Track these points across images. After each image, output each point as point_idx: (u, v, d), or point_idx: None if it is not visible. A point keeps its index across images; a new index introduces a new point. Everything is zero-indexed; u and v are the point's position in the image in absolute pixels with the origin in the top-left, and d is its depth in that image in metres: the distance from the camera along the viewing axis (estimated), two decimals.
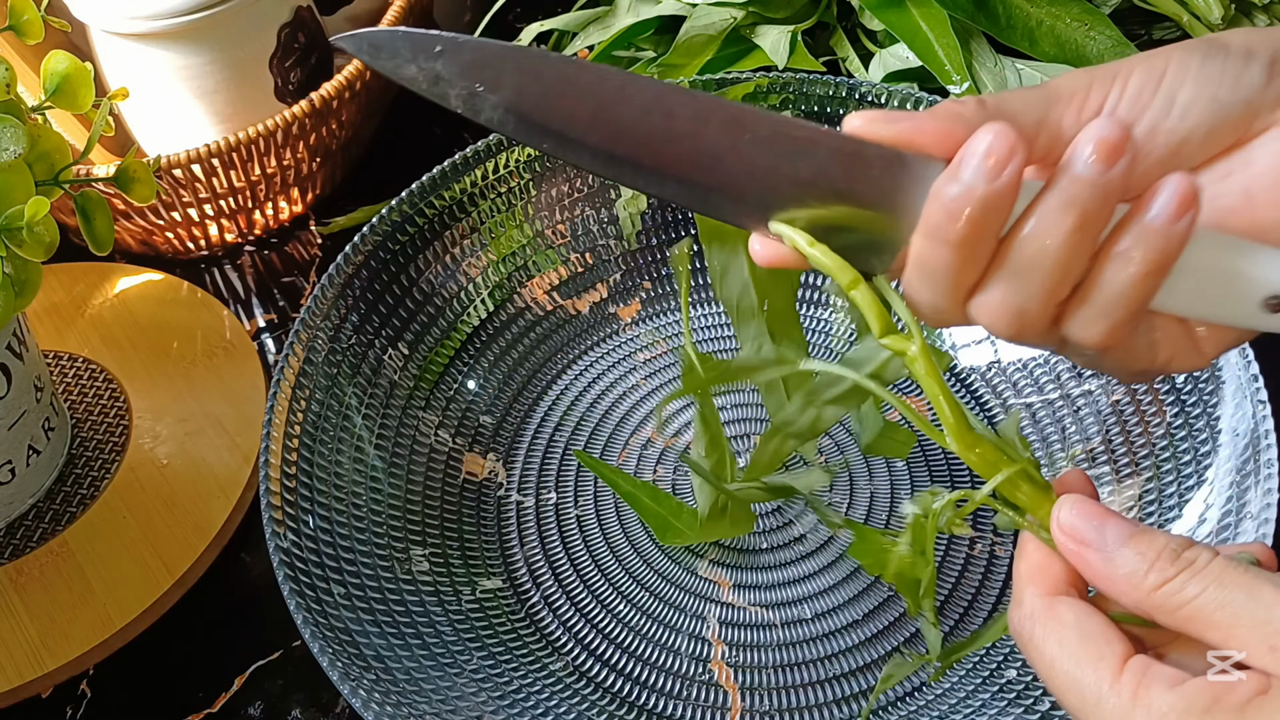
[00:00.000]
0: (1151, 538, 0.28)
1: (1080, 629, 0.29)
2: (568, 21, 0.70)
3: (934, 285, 0.30)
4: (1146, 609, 0.28)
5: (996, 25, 0.60)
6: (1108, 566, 0.28)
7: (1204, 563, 0.27)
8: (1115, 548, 0.28)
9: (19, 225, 0.44)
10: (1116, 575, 0.28)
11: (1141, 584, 0.28)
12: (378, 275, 0.55)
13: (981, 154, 0.27)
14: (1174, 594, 0.27)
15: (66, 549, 0.54)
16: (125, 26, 0.61)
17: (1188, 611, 0.27)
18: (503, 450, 0.56)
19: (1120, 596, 0.28)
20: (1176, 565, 0.27)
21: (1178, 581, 0.27)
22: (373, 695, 0.42)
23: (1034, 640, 0.29)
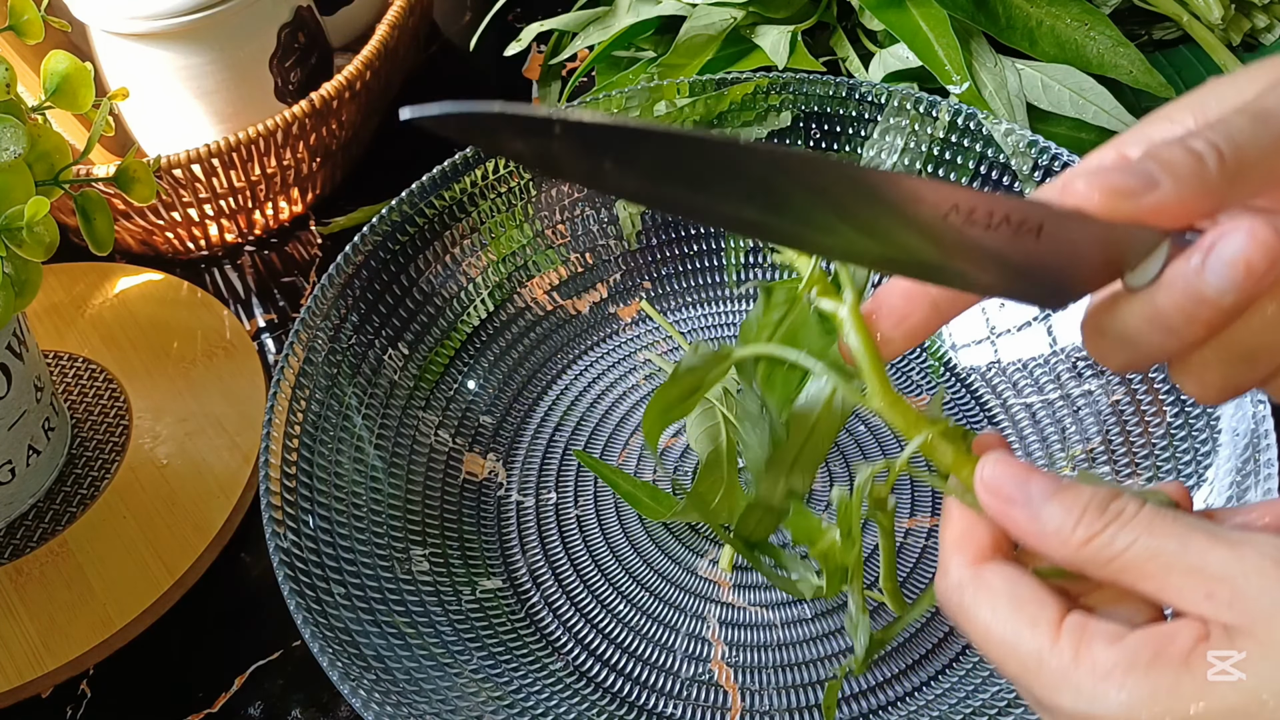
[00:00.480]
0: (1077, 491, 0.27)
1: (1011, 594, 0.28)
2: (568, 21, 0.70)
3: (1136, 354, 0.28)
4: (1077, 563, 0.27)
5: (996, 25, 0.60)
6: (1034, 523, 0.28)
7: (1132, 513, 0.27)
8: (1041, 503, 0.28)
9: (19, 225, 0.44)
10: (1044, 531, 0.27)
11: (1070, 539, 0.27)
12: (378, 275, 0.55)
13: (1232, 262, 0.26)
14: (1104, 547, 0.26)
15: (66, 549, 0.54)
16: (125, 26, 0.61)
17: (1120, 563, 0.26)
18: (503, 450, 0.56)
19: (1050, 552, 0.28)
20: (1104, 518, 0.27)
21: (1107, 534, 0.26)
22: (373, 695, 0.42)
23: (964, 609, 0.29)
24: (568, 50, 0.70)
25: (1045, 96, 0.60)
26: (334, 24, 0.72)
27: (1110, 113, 0.58)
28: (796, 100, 0.58)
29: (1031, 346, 0.55)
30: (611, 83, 0.65)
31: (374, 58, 0.65)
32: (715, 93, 0.57)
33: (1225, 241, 0.26)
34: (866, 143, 0.57)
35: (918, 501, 0.52)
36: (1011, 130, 0.54)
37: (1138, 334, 0.28)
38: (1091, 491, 0.27)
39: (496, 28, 0.73)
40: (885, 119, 0.57)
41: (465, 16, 0.84)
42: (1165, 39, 0.67)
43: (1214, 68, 0.65)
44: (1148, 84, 0.59)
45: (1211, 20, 0.64)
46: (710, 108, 0.58)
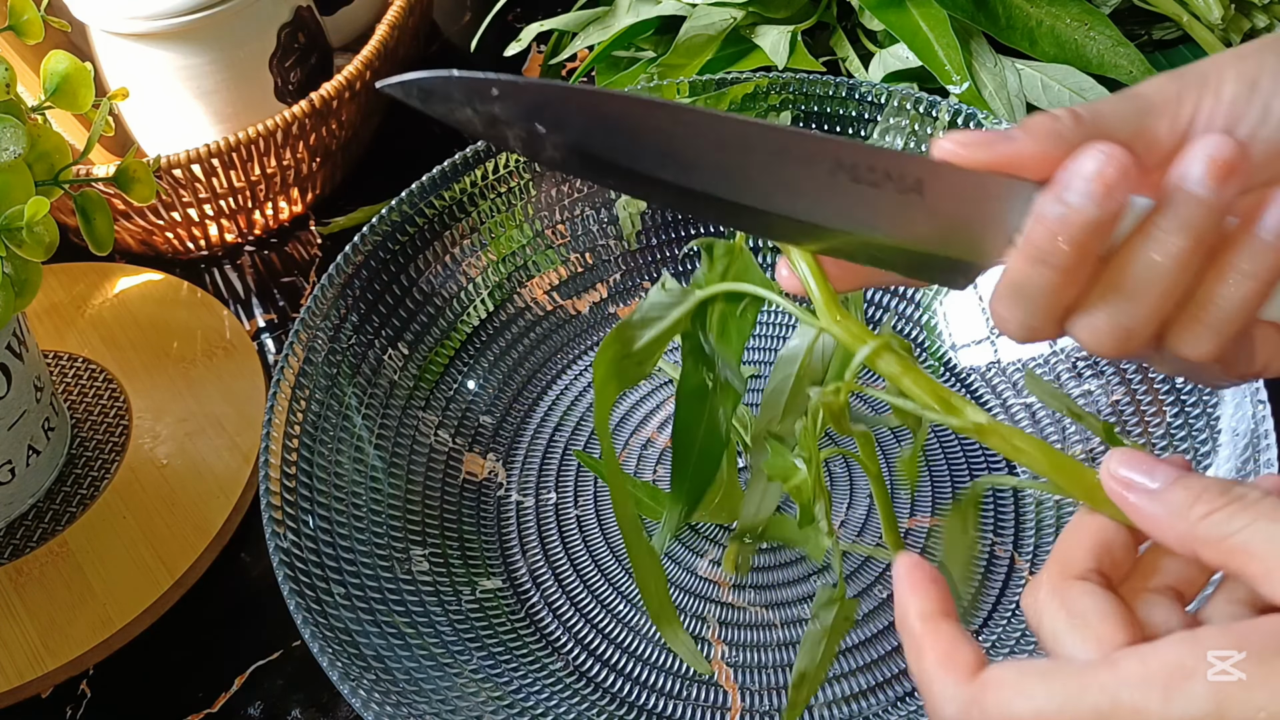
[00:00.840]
0: (1199, 477, 0.28)
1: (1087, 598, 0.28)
2: (568, 21, 0.70)
3: (1030, 305, 0.30)
4: (1190, 542, 0.27)
5: (996, 25, 0.60)
6: (1154, 503, 0.28)
7: (1254, 498, 0.27)
8: (1165, 485, 0.28)
9: (19, 225, 0.44)
10: (1164, 511, 0.28)
11: (1188, 514, 0.27)
12: (378, 275, 0.55)
13: (1089, 176, 0.27)
14: (1222, 524, 0.26)
15: (66, 549, 0.54)
16: (125, 26, 0.61)
17: (1233, 542, 0.26)
18: (503, 450, 0.56)
19: (1165, 531, 0.28)
20: (1226, 498, 0.27)
21: (1226, 512, 0.27)
22: (373, 695, 0.42)
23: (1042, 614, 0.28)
24: (568, 50, 0.70)
25: (1045, 96, 0.60)
26: (334, 24, 0.72)
27: None
28: (796, 100, 0.58)
29: (1031, 346, 0.55)
30: (612, 83, 0.65)
31: (374, 58, 0.65)
32: (715, 93, 0.57)
33: (1079, 161, 0.28)
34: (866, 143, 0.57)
35: (918, 502, 0.52)
36: None
37: (1024, 279, 0.29)
38: (1213, 479, 0.28)
39: (496, 28, 0.73)
40: (885, 119, 0.57)
41: (465, 16, 0.84)
42: (1165, 39, 0.67)
43: None
44: None
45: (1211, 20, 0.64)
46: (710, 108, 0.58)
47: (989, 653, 0.48)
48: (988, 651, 0.48)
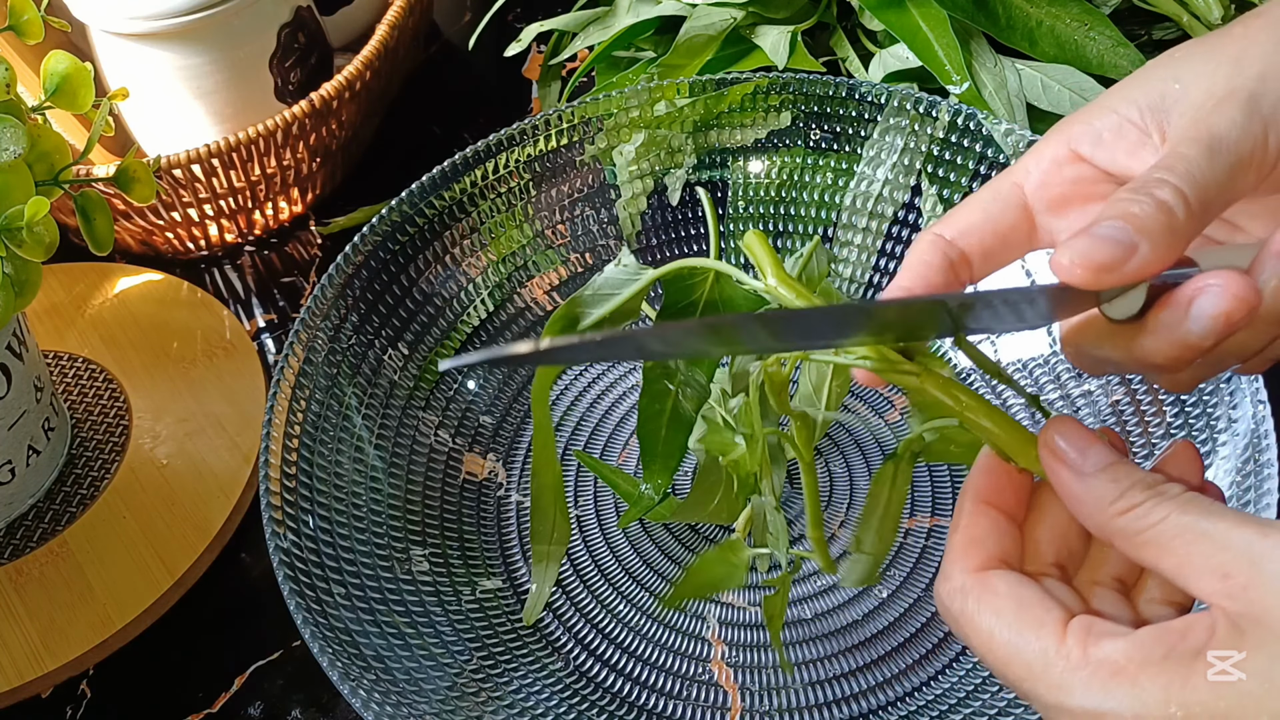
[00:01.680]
0: (1129, 468, 0.28)
1: (1016, 597, 0.28)
2: (568, 22, 0.70)
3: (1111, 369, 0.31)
4: (1109, 532, 0.28)
5: (996, 25, 0.60)
6: (1080, 485, 0.28)
7: (1174, 493, 0.27)
8: (1093, 470, 0.28)
9: (19, 225, 0.44)
10: (1087, 496, 0.28)
11: (1109, 507, 0.27)
12: (378, 275, 0.55)
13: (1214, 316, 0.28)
14: (1139, 518, 0.27)
15: (66, 549, 0.54)
16: (125, 26, 0.61)
17: (1149, 535, 0.27)
18: (503, 450, 0.56)
19: (1084, 517, 0.28)
20: (1147, 493, 0.27)
21: (1145, 506, 0.27)
22: (373, 695, 0.42)
23: (966, 614, 0.29)
24: (568, 50, 0.70)
25: (1045, 96, 0.60)
26: (334, 24, 0.72)
27: None
28: (796, 100, 0.58)
29: (1032, 347, 0.55)
30: (611, 83, 0.65)
31: (374, 58, 0.65)
32: (715, 93, 0.57)
33: (1205, 297, 0.28)
34: (867, 143, 0.57)
35: (918, 502, 0.52)
36: (1011, 130, 0.54)
37: (1121, 361, 0.30)
38: (1142, 473, 0.28)
39: (496, 28, 0.73)
40: (885, 119, 0.57)
41: (465, 16, 0.84)
42: (1165, 39, 0.67)
43: None
44: None
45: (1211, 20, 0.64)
46: (710, 108, 0.58)
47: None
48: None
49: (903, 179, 0.57)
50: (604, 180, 0.60)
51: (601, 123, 0.58)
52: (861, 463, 0.54)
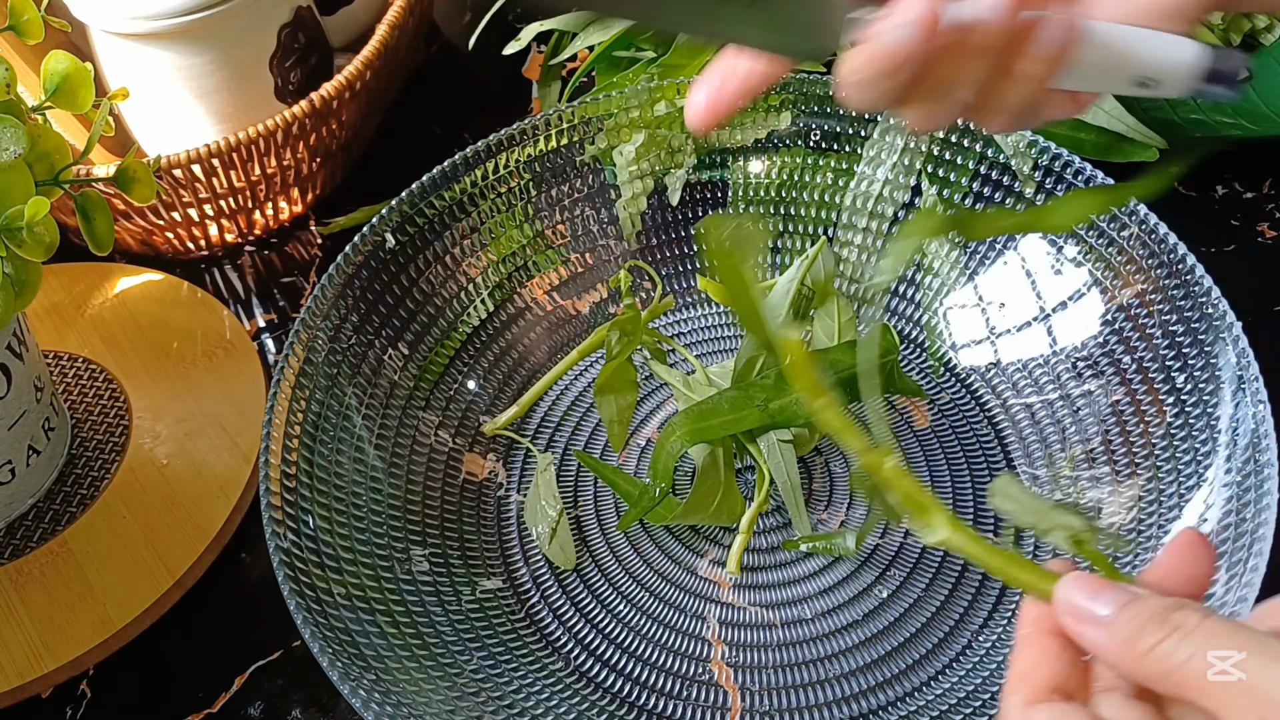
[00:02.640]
0: (1143, 602, 0.28)
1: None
2: (568, 22, 0.70)
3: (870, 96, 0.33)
4: (1142, 677, 0.27)
5: None
6: (1103, 634, 0.28)
7: (1193, 625, 0.26)
8: (1112, 615, 0.28)
9: (19, 225, 0.44)
10: (1112, 643, 0.28)
11: (1135, 648, 0.27)
12: (378, 275, 0.55)
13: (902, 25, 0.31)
14: (1165, 658, 0.26)
15: (66, 549, 0.54)
16: (125, 26, 0.61)
17: (1180, 676, 0.26)
18: (503, 450, 0.56)
19: (1118, 665, 0.28)
20: (1164, 628, 0.27)
21: (1168, 644, 0.26)
22: (373, 695, 0.42)
23: None
24: (568, 50, 0.70)
25: None
26: (334, 24, 0.72)
27: (1110, 112, 0.58)
28: (796, 100, 0.58)
29: (1031, 347, 0.55)
30: (612, 83, 0.65)
31: (374, 58, 0.65)
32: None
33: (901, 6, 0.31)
34: (866, 143, 0.57)
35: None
36: None
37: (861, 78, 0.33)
38: (1158, 601, 0.27)
39: (496, 28, 0.73)
40: (885, 119, 0.57)
41: (465, 16, 0.84)
42: None
43: None
44: None
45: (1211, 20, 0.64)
46: None
47: (985, 655, 0.48)
48: (987, 652, 0.48)
49: (903, 179, 0.57)
50: (604, 180, 0.60)
51: (601, 123, 0.58)
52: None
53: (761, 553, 0.51)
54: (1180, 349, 0.49)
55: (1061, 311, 0.54)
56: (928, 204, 0.57)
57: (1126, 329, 0.51)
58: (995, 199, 0.55)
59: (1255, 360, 0.46)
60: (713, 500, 0.50)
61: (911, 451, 0.54)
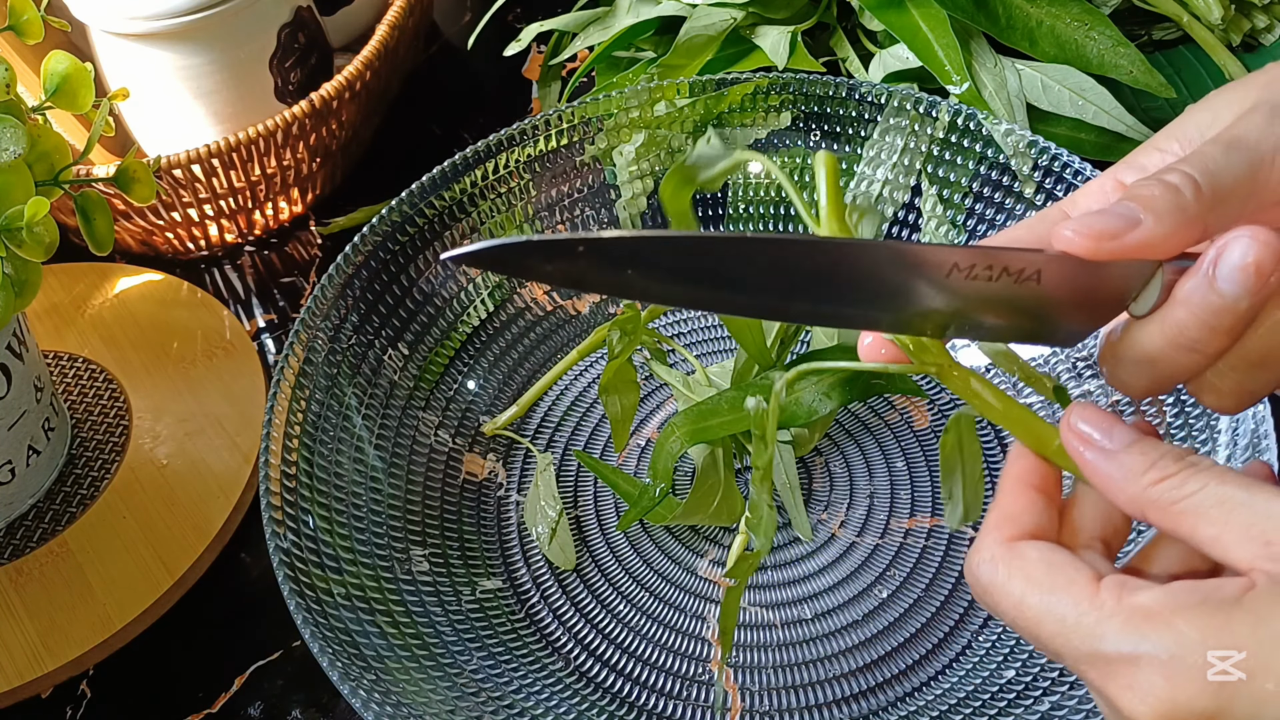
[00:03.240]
0: (1155, 443, 0.28)
1: (1047, 561, 0.28)
2: (568, 22, 0.70)
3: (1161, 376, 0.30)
4: (1141, 504, 0.27)
5: (996, 25, 0.60)
6: (1109, 463, 0.28)
7: (1207, 464, 0.27)
8: (1121, 446, 0.28)
9: (19, 225, 0.44)
10: (1117, 472, 0.28)
11: (1141, 479, 0.27)
12: (378, 275, 0.55)
13: (1242, 267, 0.27)
14: (1174, 488, 0.27)
15: (66, 549, 0.54)
16: (125, 26, 0.61)
17: (1184, 505, 0.27)
18: (503, 450, 0.56)
19: (1117, 492, 0.28)
20: (1180, 464, 0.27)
21: (1179, 477, 0.27)
22: (373, 695, 0.42)
23: (996, 583, 0.29)
24: (568, 51, 0.70)
25: (1045, 96, 0.60)
26: (334, 24, 0.72)
27: (1110, 113, 0.58)
28: (796, 100, 0.58)
29: (1032, 347, 0.55)
30: (611, 83, 0.65)
31: (374, 58, 0.65)
32: (715, 93, 0.57)
33: (1230, 249, 0.27)
34: (866, 143, 0.57)
35: (918, 502, 0.52)
36: (1011, 130, 0.54)
37: (1159, 355, 0.29)
38: (1170, 446, 0.28)
39: (496, 28, 0.73)
40: (885, 119, 0.57)
41: (465, 16, 0.84)
42: (1165, 39, 0.67)
43: (1214, 68, 0.65)
44: (1148, 84, 0.59)
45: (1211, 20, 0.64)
46: (710, 108, 0.58)
47: (985, 655, 0.48)
48: (988, 651, 0.48)
49: (903, 179, 0.57)
50: (604, 180, 0.60)
51: (601, 123, 0.58)
52: (861, 463, 0.54)
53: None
54: None
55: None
56: (928, 205, 0.57)
57: None
58: (995, 199, 0.55)
59: None
60: (713, 500, 0.50)
61: (911, 451, 0.54)
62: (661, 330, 0.60)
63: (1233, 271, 0.27)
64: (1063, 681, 0.45)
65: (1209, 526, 0.26)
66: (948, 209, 0.56)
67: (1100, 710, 0.28)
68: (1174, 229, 0.28)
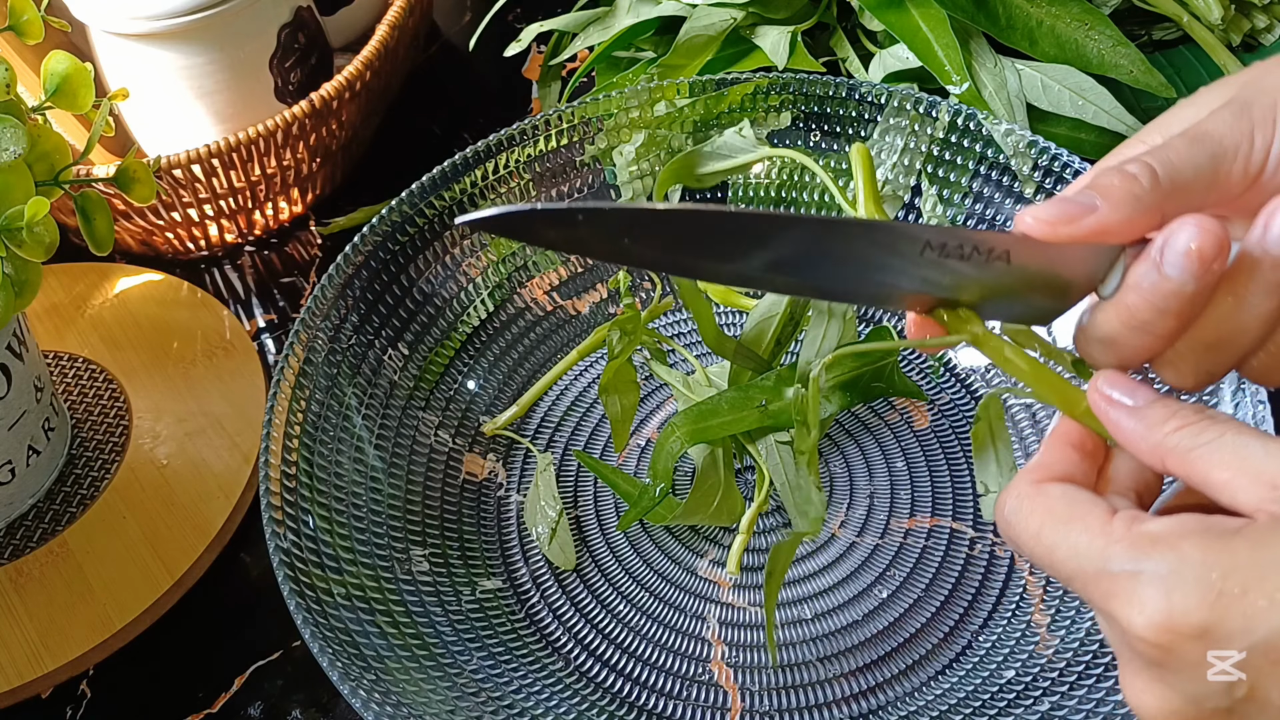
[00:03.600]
0: (1176, 400, 0.30)
1: (1068, 498, 0.30)
2: (568, 22, 0.70)
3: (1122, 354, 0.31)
4: (1162, 452, 0.29)
5: (996, 25, 0.60)
6: (1132, 417, 0.30)
7: (1223, 417, 0.29)
8: (1144, 404, 0.30)
9: (19, 225, 0.44)
10: (1139, 424, 0.29)
11: (1162, 427, 0.29)
12: (378, 275, 0.55)
13: (1184, 252, 0.29)
14: (1193, 435, 0.28)
15: (66, 549, 0.54)
16: (125, 26, 0.61)
17: (1201, 451, 0.28)
18: (503, 450, 0.56)
19: (1139, 442, 0.29)
20: (1199, 415, 0.29)
21: (1198, 425, 0.28)
22: (373, 695, 0.42)
23: (1019, 515, 0.30)
24: (568, 51, 0.70)
25: (1045, 96, 0.60)
26: (334, 24, 0.72)
27: (1110, 113, 0.58)
28: (796, 100, 0.58)
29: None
30: (611, 83, 0.65)
31: (374, 58, 0.65)
32: (715, 93, 0.57)
33: (1175, 236, 0.29)
34: (866, 143, 0.57)
35: (918, 502, 0.52)
36: (1011, 130, 0.54)
37: (1117, 335, 0.31)
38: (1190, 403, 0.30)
39: (496, 28, 0.73)
40: (885, 119, 0.57)
41: (465, 16, 0.84)
42: (1165, 39, 0.67)
43: (1214, 68, 0.65)
44: (1148, 84, 0.59)
45: (1211, 20, 0.64)
46: (710, 108, 0.58)
47: (985, 655, 0.48)
48: (988, 651, 0.48)
49: (903, 179, 0.57)
50: (604, 180, 0.60)
51: (601, 123, 0.58)
52: (861, 463, 0.54)
53: (761, 553, 0.51)
54: None
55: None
56: (928, 205, 0.57)
57: None
58: (995, 199, 0.55)
59: None
60: (713, 500, 0.50)
61: (911, 452, 0.54)
62: (661, 330, 0.60)
63: (1177, 257, 0.29)
64: (1063, 681, 0.45)
65: (1222, 471, 0.27)
66: (948, 209, 0.56)
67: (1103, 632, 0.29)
68: (1129, 216, 0.30)
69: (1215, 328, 0.30)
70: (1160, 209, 0.30)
